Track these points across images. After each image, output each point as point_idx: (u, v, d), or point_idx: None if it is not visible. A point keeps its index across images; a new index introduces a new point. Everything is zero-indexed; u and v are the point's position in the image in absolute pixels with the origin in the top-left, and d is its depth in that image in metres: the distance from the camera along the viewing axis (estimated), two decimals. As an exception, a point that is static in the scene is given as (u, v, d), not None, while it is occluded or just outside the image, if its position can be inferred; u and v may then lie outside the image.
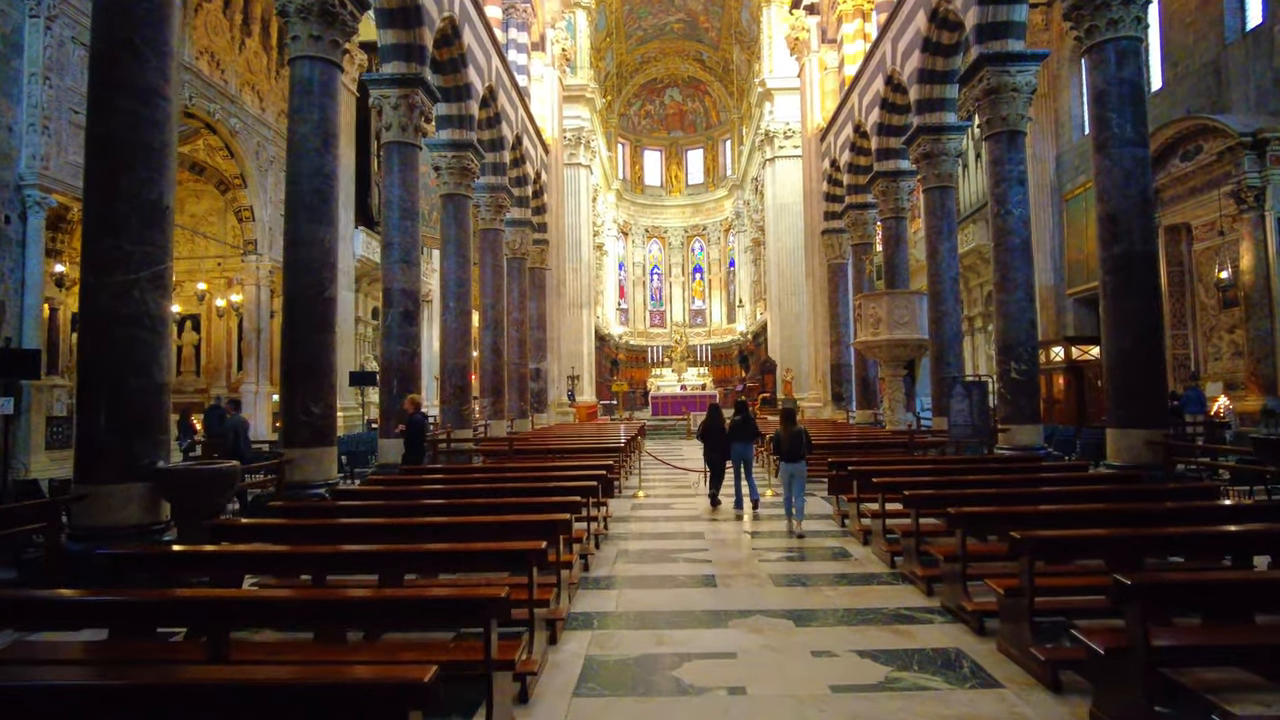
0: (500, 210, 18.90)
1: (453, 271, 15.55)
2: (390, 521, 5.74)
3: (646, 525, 9.48)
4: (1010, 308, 12.41)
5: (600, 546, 8.08)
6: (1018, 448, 12.06)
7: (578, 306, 30.81)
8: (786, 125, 31.23)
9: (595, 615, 5.66)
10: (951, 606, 5.55)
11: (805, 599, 6.03)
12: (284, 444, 9.35)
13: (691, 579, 6.71)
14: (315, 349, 9.39)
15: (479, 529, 5.42)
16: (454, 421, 15.12)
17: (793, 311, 30.75)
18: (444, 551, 4.67)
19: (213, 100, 19.54)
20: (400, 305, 12.38)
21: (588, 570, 7.02)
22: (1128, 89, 9.41)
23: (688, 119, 48.03)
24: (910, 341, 16.76)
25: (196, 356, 25.63)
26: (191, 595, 3.63)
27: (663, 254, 48.43)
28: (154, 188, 6.25)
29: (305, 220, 9.48)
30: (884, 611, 5.65)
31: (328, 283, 9.54)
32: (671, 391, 34.57)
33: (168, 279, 6.39)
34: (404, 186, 12.69)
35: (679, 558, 7.56)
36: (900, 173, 18.84)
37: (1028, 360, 12.32)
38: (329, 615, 3.60)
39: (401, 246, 12.54)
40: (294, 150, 9.67)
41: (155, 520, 6.11)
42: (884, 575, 6.75)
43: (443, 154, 15.66)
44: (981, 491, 6.61)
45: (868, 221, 21.81)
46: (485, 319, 18.71)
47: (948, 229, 15.84)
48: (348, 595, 3.68)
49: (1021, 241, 12.45)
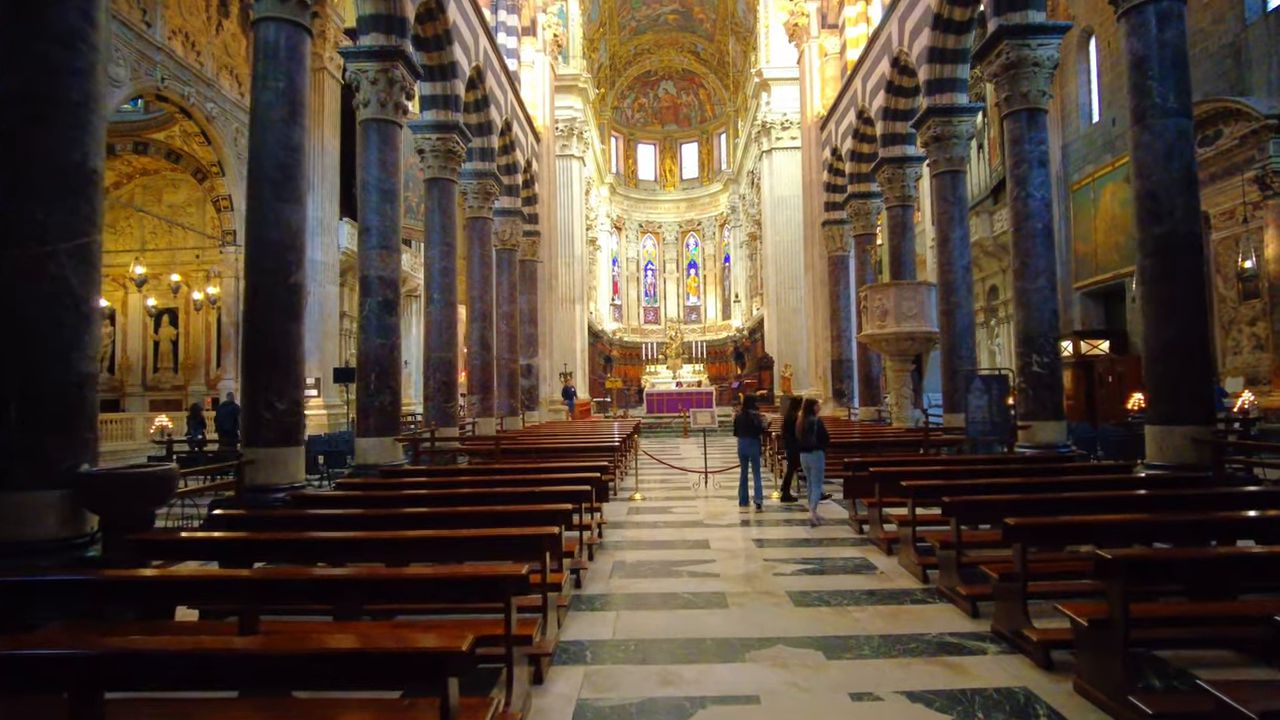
0: (489, 198, 18.01)
1: (437, 260, 14.68)
2: (350, 536, 4.90)
3: (645, 532, 8.65)
4: (1031, 297, 11.62)
5: (594, 557, 7.25)
6: (1039, 446, 11.27)
7: (570, 301, 29.94)
8: (784, 116, 30.50)
9: (589, 645, 4.83)
10: (1006, 632, 4.74)
11: (832, 623, 5.21)
12: (245, 443, 8.48)
13: (699, 598, 5.88)
14: (279, 339, 8.51)
15: (457, 545, 4.60)
16: (439, 419, 14.25)
17: (790, 306, 29.98)
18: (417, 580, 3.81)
19: (187, 83, 18.62)
20: (379, 294, 11.51)
21: (580, 587, 6.19)
22: (1170, 54, 8.61)
23: (682, 112, 47.17)
24: (919, 334, 15.97)
25: (174, 352, 24.72)
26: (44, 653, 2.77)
27: (657, 249, 47.57)
28: (77, 148, 5.37)
29: (269, 198, 8.59)
30: (926, 639, 4.83)
31: (293, 267, 8.66)
32: (667, 388, 33.72)
33: (94, 254, 5.51)
34: (382, 167, 11.82)
35: (683, 571, 6.73)
36: (907, 159, 18.05)
37: (1050, 353, 11.53)
38: (245, 672, 2.74)
39: (380, 231, 11.67)
40: (257, 121, 8.78)
41: (78, 533, 5.24)
42: (917, 592, 5.94)
43: (427, 136, 14.78)
44: (1033, 498, 5.79)
45: (871, 211, 21.03)
46: (473, 312, 17.84)
47: (959, 215, 15.05)
48: (270, 649, 2.82)
49: (1043, 226, 11.68)
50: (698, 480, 12.66)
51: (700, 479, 12.62)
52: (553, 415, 26.45)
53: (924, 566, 6.21)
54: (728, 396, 35.04)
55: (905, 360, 16.51)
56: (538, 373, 24.56)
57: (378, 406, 11.34)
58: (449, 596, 3.68)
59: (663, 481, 13.29)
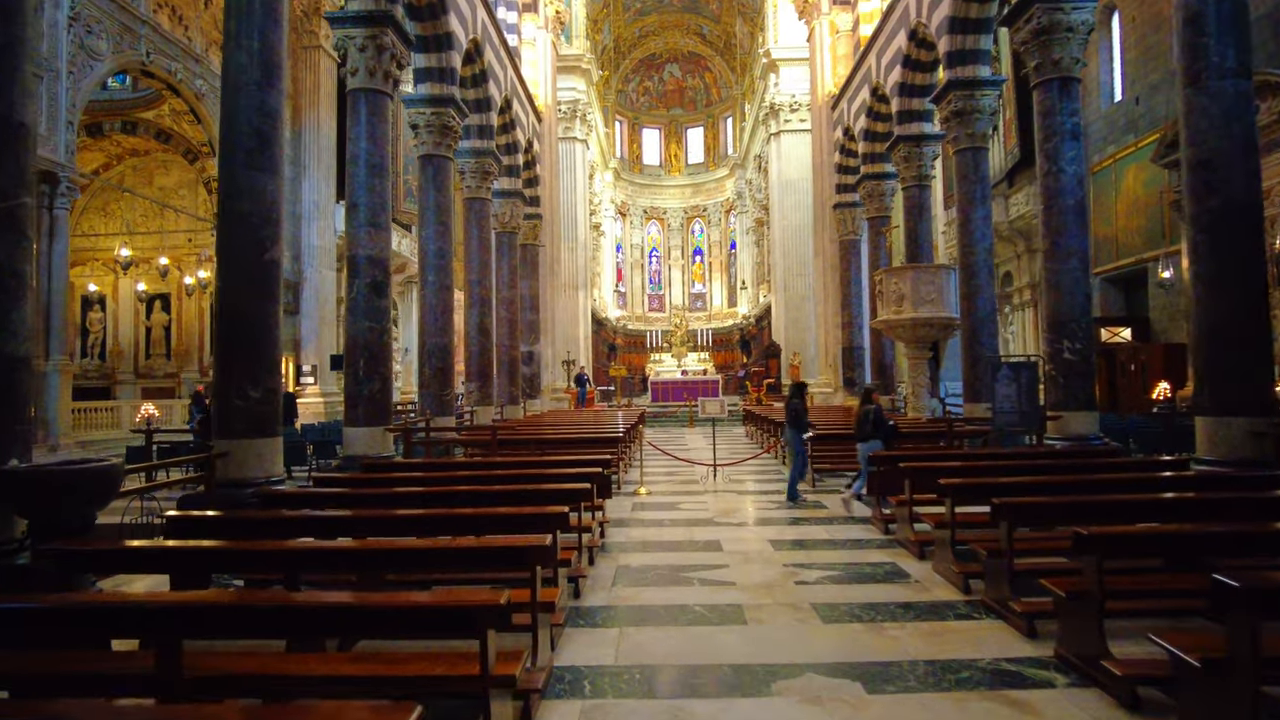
0: (487, 178, 17.26)
1: (432, 241, 13.96)
2: (317, 547, 4.23)
3: (650, 532, 7.97)
4: (1062, 278, 10.88)
5: (596, 561, 6.57)
6: (1070, 438, 10.57)
7: (573, 288, 29.21)
8: (792, 98, 29.70)
9: (587, 674, 4.14)
10: (1075, 659, 4.05)
11: (868, 644, 4.53)
12: (217, 434, 7.81)
13: (713, 611, 5.19)
14: (254, 321, 7.81)
15: (436, 558, 3.93)
16: (434, 408, 13.57)
17: (799, 293, 29.26)
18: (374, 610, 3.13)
19: (174, 59, 17.86)
20: (367, 275, 10.80)
21: (579, 597, 5.51)
22: (1228, 8, 7.83)
23: (688, 96, 46.21)
24: (937, 320, 15.23)
25: (167, 338, 24.08)
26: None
27: (662, 236, 46.75)
28: (1, 98, 4.69)
29: (243, 166, 7.88)
30: (980, 666, 4.14)
31: (269, 242, 7.96)
32: (671, 377, 33.03)
33: (22, 220, 4.84)
34: (371, 139, 11.09)
35: (694, 578, 6.04)
36: (924, 136, 17.25)
37: (1083, 338, 10.80)
38: None
39: (369, 208, 10.95)
40: (229, 84, 8.05)
41: (3, 538, 4.59)
42: (959, 605, 5.25)
43: (420, 110, 14.04)
44: (1096, 500, 5.09)
45: (885, 193, 20.24)
46: (471, 296, 17.13)
47: (981, 195, 14.29)
48: None
49: (1076, 203, 10.93)
50: (706, 473, 11.96)
51: (709, 472, 11.93)
52: (555, 404, 25.77)
53: (965, 575, 5.52)
54: (734, 385, 34.35)
55: (922, 347, 15.78)
56: (539, 360, 23.87)
57: (367, 395, 10.66)
58: (409, 631, 2.98)
59: (669, 474, 12.60)
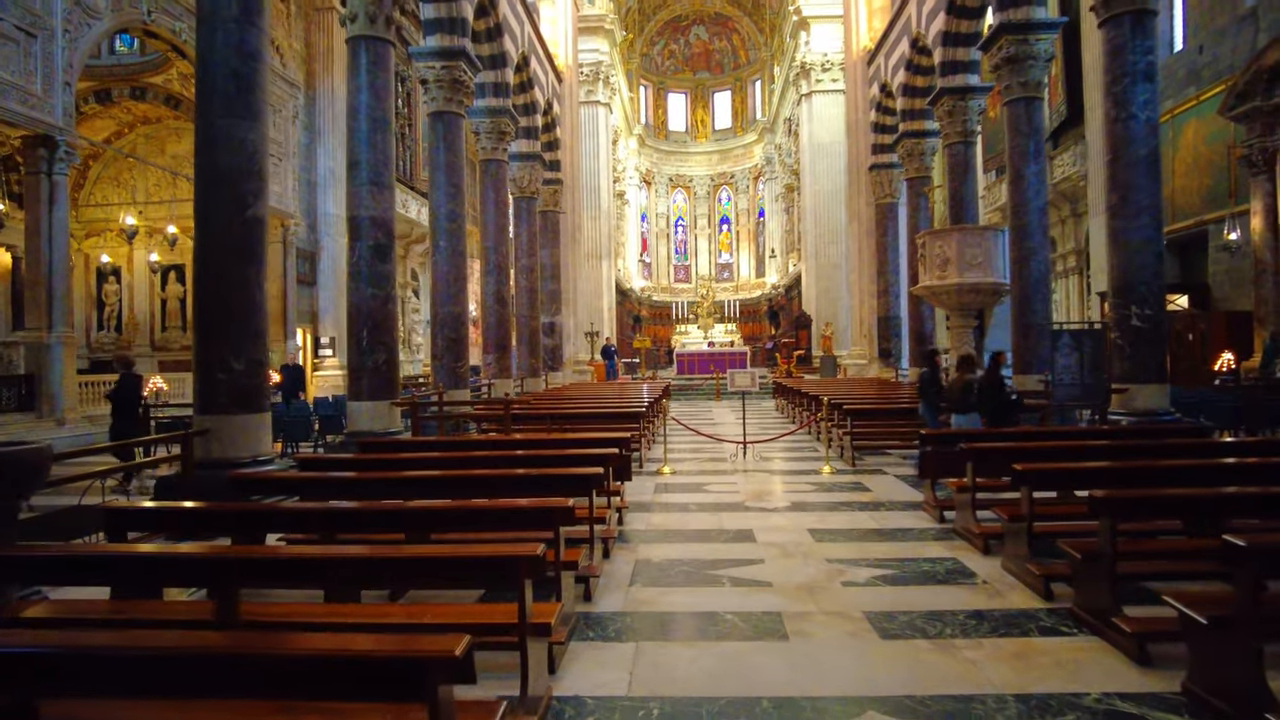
0: (503, 138, 16.35)
1: (444, 203, 13.14)
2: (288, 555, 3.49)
3: (674, 518, 7.16)
4: (1131, 236, 9.83)
5: (611, 553, 5.78)
6: (1138, 413, 9.59)
7: (597, 257, 28.31)
8: (824, 57, 28.41)
9: (593, 707, 3.36)
10: (1212, 698, 3.19)
11: (939, 669, 3.68)
12: (198, 410, 7.13)
13: (748, 622, 4.37)
14: (235, 285, 7.08)
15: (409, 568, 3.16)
16: (447, 380, 12.86)
17: (831, 261, 28.16)
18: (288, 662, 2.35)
19: (178, 18, 17.07)
20: (370, 238, 10.02)
21: (590, 601, 4.72)
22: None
23: (714, 59, 44.71)
24: (984, 286, 14.12)
25: (182, 310, 23.59)
26: None
27: (688, 204, 45.56)
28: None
29: (220, 114, 7.10)
30: (1087, 705, 3.29)
31: (251, 197, 7.19)
32: (698, 349, 32.10)
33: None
34: (373, 91, 10.27)
35: (724, 577, 5.22)
36: (969, 89, 16.02)
37: (1154, 304, 9.77)
38: None
39: (371, 165, 10.15)
40: (204, 22, 7.24)
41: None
42: (1041, 615, 4.38)
43: (430, 64, 13.17)
44: (1226, 494, 4.19)
45: (925, 152, 19.02)
46: (487, 264, 16.32)
47: (1034, 149, 13.15)
48: None
49: (1149, 153, 9.82)
50: (735, 451, 11.12)
51: (738, 450, 11.09)
52: (577, 376, 25.04)
53: (1045, 578, 4.64)
54: (761, 357, 33.40)
55: (967, 316, 14.70)
56: (561, 331, 23.10)
57: (371, 366, 9.94)
58: (336, 693, 2.20)
59: (694, 451, 11.79)
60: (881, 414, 11.09)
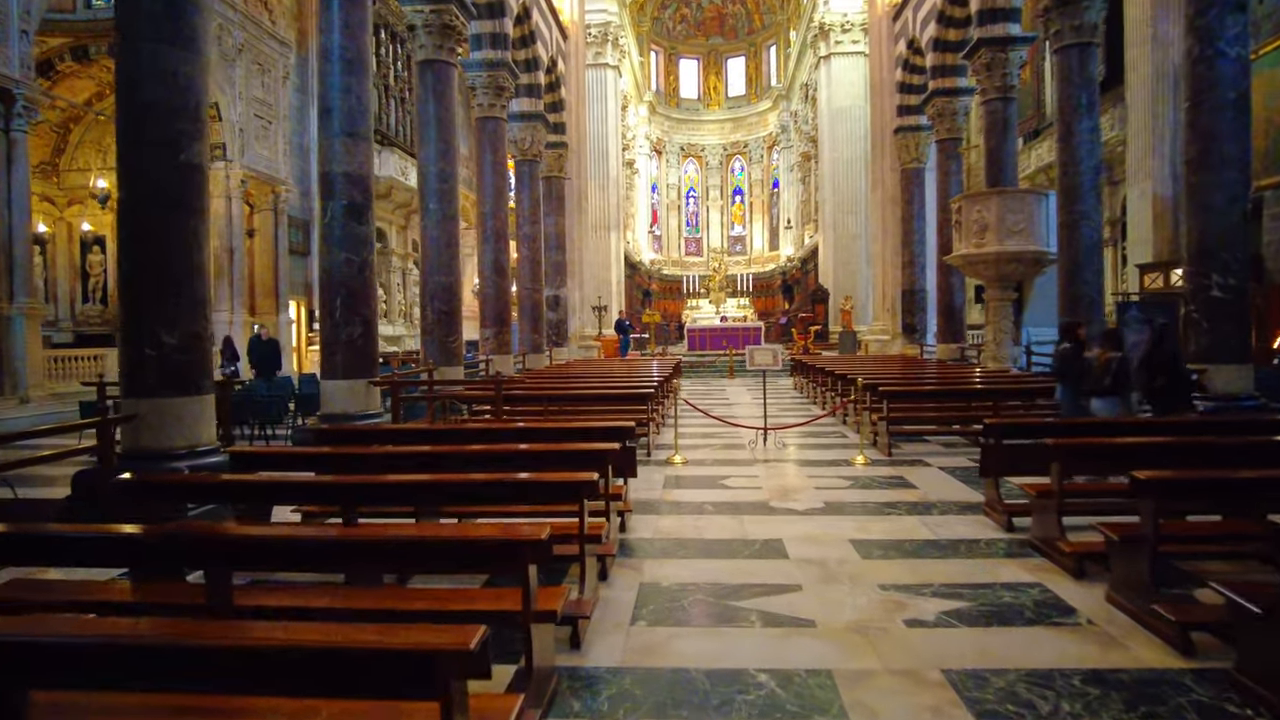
0: (501, 94, 15.08)
1: (433, 161, 11.93)
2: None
3: (687, 522, 6.03)
4: (1214, 195, 8.58)
5: (610, 574, 4.67)
6: (1217, 398, 8.39)
7: (605, 228, 27.03)
8: (844, 16, 26.96)
9: None
10: None
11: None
12: (124, 391, 6.04)
13: (787, 688, 3.23)
14: (169, 244, 5.95)
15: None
16: (438, 357, 11.75)
17: (849, 232, 26.85)
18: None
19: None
20: (344, 196, 8.85)
21: (578, 646, 3.61)
22: None
23: (728, 23, 42.94)
24: (1026, 254, 12.92)
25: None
26: None
27: (699, 175, 44.05)
28: None
29: (147, 39, 5.92)
30: None
31: (186, 140, 6.03)
32: (709, 324, 30.88)
33: None
34: (346, 30, 9.03)
35: (751, 612, 4.08)
36: (1010, 39, 14.62)
37: (1237, 272, 8.54)
38: None
39: (344, 113, 8.94)
40: (127, -73, 6.06)
41: None
42: (1185, 679, 3.23)
43: (418, 8, 11.91)
44: None
45: (956, 111, 17.61)
46: (484, 231, 15.14)
47: (1087, 101, 11.82)
48: None
49: (1238, 96, 8.52)
50: (754, 438, 9.96)
51: (757, 436, 9.93)
52: (584, 352, 23.91)
53: (1183, 625, 3.49)
54: (775, 332, 32.15)
55: (1006, 287, 13.49)
56: (566, 305, 21.94)
57: (345, 340, 8.82)
58: None
59: (708, 436, 10.64)
60: (926, 396, 9.89)
